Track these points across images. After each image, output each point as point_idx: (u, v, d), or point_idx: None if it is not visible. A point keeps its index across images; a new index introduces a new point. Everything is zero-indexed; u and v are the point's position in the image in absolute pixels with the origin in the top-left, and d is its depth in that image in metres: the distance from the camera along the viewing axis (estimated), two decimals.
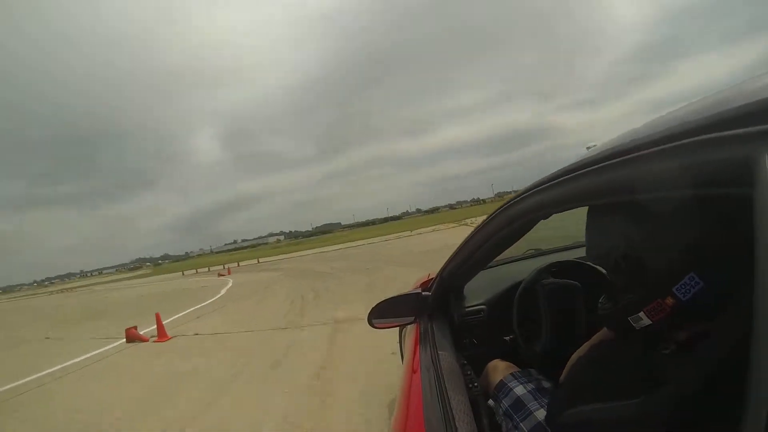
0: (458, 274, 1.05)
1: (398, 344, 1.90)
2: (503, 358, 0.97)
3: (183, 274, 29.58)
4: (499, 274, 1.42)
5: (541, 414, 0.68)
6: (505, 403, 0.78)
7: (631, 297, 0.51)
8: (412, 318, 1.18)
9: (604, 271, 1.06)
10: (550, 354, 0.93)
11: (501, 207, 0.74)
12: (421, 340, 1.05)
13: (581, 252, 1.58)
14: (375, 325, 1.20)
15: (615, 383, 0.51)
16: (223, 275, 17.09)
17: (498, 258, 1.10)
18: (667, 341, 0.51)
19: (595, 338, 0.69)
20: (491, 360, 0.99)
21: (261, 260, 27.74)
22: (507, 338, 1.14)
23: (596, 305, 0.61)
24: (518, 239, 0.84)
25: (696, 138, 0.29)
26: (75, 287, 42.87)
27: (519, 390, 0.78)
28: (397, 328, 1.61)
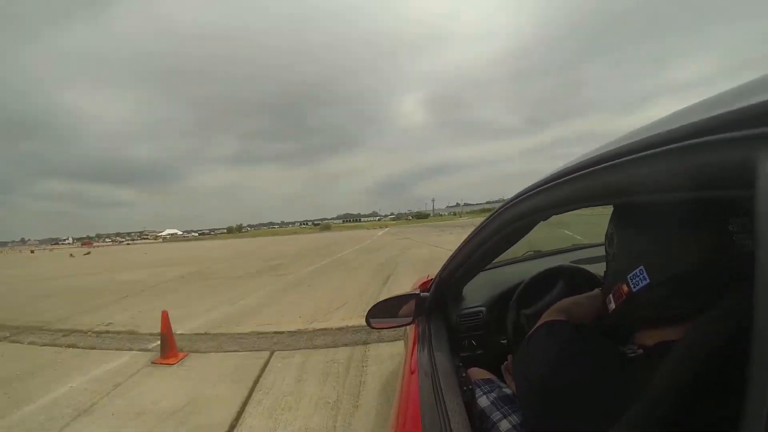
0: (457, 275, 1.04)
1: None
2: (499, 360, 0.97)
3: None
4: (498, 276, 1.42)
5: (504, 425, 0.67)
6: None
7: (609, 278, 0.53)
8: (411, 319, 1.18)
9: (600, 276, 1.07)
10: None
11: (500, 208, 0.74)
12: (420, 340, 1.05)
13: (580, 254, 1.58)
14: (373, 325, 1.20)
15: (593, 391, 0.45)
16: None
17: (497, 259, 1.10)
18: (634, 344, 0.50)
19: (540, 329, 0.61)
20: (486, 363, 0.98)
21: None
22: (503, 341, 1.14)
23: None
24: (518, 240, 0.84)
25: (696, 140, 0.29)
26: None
27: (482, 401, 0.77)
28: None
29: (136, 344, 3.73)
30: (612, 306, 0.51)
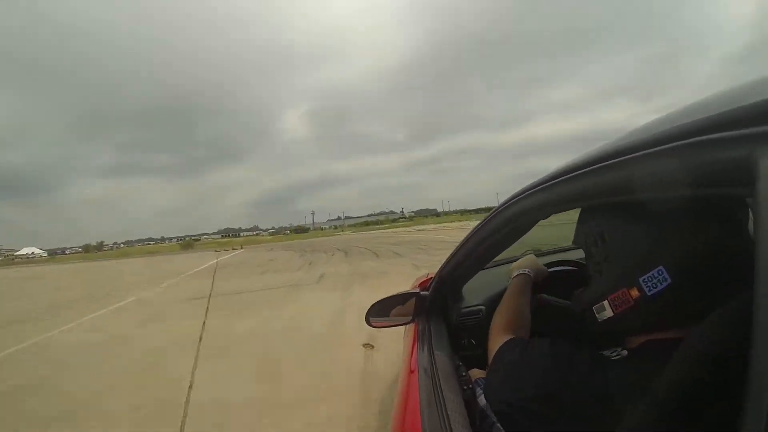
0: (457, 274, 1.04)
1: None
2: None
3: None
4: (498, 275, 1.42)
5: None
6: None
7: (599, 282, 0.49)
8: (410, 317, 1.18)
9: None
10: None
11: (500, 206, 0.73)
12: (419, 339, 1.05)
13: (581, 253, 1.57)
14: (372, 324, 1.20)
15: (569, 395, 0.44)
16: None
17: (497, 258, 1.09)
18: (618, 345, 0.49)
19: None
20: (486, 362, 0.98)
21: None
22: None
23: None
24: (517, 239, 0.84)
25: (695, 139, 0.29)
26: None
27: (482, 399, 0.75)
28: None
29: None
30: (607, 314, 0.47)
